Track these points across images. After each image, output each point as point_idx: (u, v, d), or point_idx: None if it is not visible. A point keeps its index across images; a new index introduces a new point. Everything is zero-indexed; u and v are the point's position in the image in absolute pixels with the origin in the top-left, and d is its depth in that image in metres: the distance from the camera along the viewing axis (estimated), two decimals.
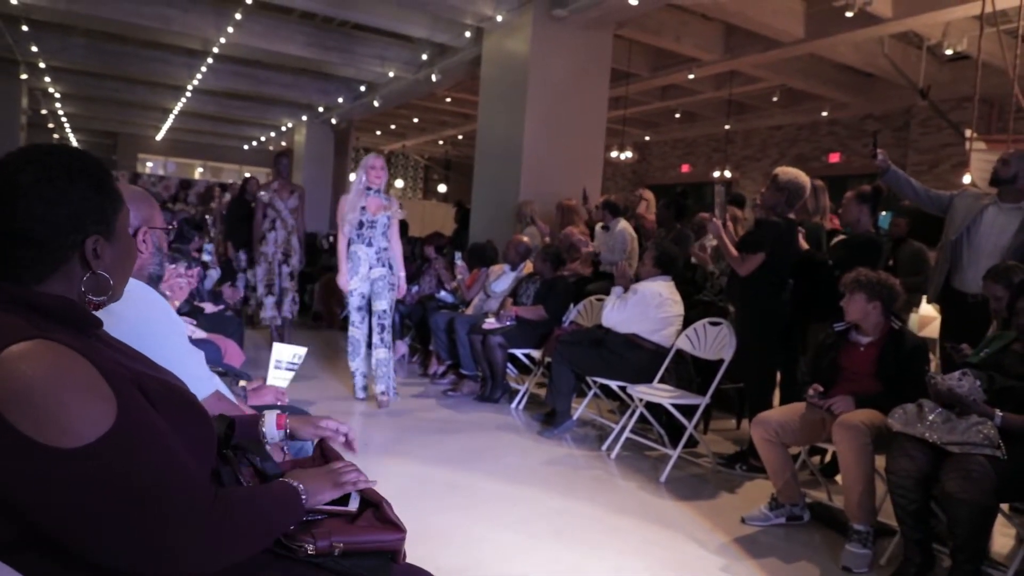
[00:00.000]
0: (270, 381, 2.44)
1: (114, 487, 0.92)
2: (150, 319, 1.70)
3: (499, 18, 7.65)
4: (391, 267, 4.74)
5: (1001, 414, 2.52)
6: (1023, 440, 2.50)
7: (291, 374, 2.74)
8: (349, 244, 4.70)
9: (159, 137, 19.86)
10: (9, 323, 0.97)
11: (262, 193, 6.34)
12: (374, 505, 1.25)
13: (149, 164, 21.85)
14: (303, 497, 1.16)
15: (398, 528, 1.21)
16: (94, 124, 19.49)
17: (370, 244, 4.66)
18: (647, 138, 16.72)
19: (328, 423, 1.48)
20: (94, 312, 1.12)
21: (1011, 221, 3.73)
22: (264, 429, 1.42)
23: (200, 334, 3.25)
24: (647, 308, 4.26)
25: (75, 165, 1.08)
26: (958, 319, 3.87)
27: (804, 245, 4.11)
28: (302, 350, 2.78)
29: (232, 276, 7.41)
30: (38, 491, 0.91)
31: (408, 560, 1.27)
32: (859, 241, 3.95)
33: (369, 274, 4.70)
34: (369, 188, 4.64)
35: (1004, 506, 2.74)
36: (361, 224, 4.65)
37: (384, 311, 4.73)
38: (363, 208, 4.63)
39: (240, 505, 1.05)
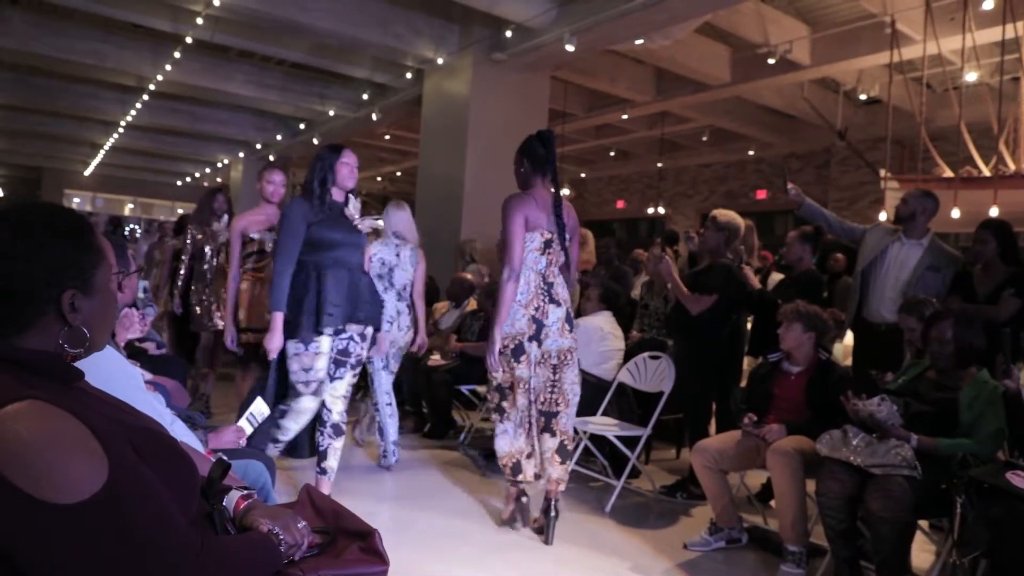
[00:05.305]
0: (240, 423, 2.44)
1: (108, 542, 0.96)
2: (107, 374, 1.68)
3: (440, 61, 7.83)
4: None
5: (916, 437, 2.73)
6: (936, 461, 2.71)
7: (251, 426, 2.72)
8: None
9: (87, 172, 19.30)
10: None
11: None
12: (363, 535, 1.31)
13: (76, 200, 21.16)
14: (282, 548, 1.22)
15: (382, 560, 1.28)
16: (17, 159, 18.84)
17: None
18: (583, 175, 17.14)
19: (279, 524, 1.25)
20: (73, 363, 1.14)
21: (911, 256, 4.00)
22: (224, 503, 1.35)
23: (147, 376, 3.22)
24: (589, 342, 4.38)
25: (54, 222, 1.11)
26: (868, 347, 4.11)
27: (757, 285, 4.30)
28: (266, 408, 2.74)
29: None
30: (33, 544, 0.93)
31: None
32: (806, 279, 4.18)
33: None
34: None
35: (924, 524, 2.95)
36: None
37: None
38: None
39: (225, 555, 1.11)
